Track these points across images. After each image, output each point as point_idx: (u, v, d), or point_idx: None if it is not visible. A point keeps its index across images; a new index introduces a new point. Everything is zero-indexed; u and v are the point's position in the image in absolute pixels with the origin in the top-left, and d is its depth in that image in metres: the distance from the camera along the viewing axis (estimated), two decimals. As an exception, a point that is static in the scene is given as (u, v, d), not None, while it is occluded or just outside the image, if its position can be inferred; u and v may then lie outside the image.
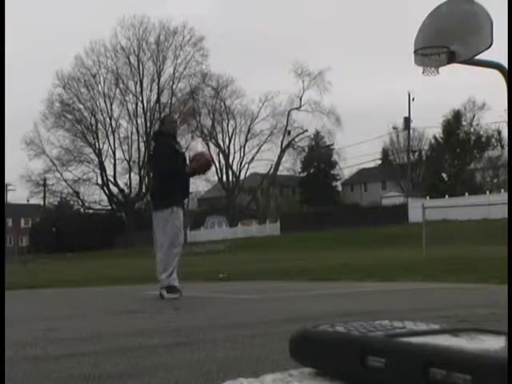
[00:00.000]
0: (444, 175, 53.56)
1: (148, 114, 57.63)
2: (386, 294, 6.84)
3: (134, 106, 58.35)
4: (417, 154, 55.63)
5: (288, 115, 57.79)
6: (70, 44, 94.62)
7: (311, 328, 1.62)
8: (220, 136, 58.83)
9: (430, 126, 65.14)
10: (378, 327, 1.52)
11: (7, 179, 51.44)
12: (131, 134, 58.24)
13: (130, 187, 59.58)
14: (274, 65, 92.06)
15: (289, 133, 58.16)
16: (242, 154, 58.92)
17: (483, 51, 6.57)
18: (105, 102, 58.27)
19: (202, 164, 6.97)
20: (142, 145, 57.07)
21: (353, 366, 1.39)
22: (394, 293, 7.06)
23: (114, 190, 60.00)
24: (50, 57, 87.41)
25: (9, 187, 57.28)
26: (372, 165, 62.36)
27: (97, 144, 58.62)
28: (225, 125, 58.86)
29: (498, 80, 6.66)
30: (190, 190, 7.46)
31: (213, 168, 58.74)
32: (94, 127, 58.77)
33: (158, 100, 57.12)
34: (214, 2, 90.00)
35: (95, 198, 60.23)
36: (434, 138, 55.43)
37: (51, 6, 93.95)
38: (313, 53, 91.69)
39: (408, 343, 1.35)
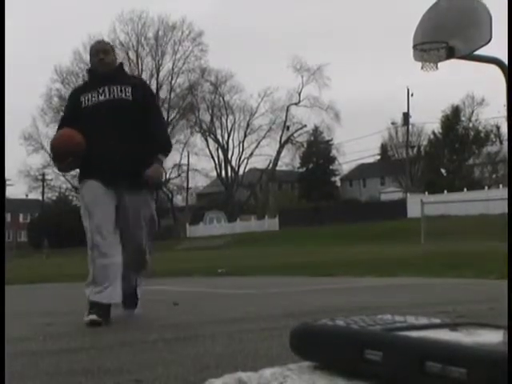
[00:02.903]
0: (443, 170, 53.54)
1: (147, 110, 57.51)
2: (385, 290, 6.85)
3: (132, 101, 58.21)
4: (416, 149, 55.63)
5: (287, 110, 57.78)
6: (68, 39, 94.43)
7: (312, 322, 1.63)
8: (219, 131, 58.82)
9: (428, 122, 65.05)
10: (378, 321, 1.53)
11: (6, 174, 51.41)
12: (130, 128, 58.11)
13: (128, 182, 59.49)
14: (273, 60, 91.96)
15: (288, 128, 58.14)
16: (240, 150, 58.94)
17: (482, 46, 6.55)
18: (104, 97, 58.12)
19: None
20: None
21: (351, 359, 1.40)
22: (393, 288, 7.07)
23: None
24: (49, 52, 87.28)
25: (7, 182, 57.26)
26: (371, 160, 62.42)
27: (95, 139, 58.51)
28: (224, 120, 58.85)
29: (497, 75, 6.66)
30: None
31: (211, 163, 58.79)
32: (92, 122, 58.65)
33: (156, 95, 57.05)
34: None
35: (94, 193, 60.11)
36: (433, 133, 55.43)
37: (50, 0, 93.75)
38: (312, 48, 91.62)
39: (405, 337, 1.35)
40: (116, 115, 4.21)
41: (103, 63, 4.36)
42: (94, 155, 4.12)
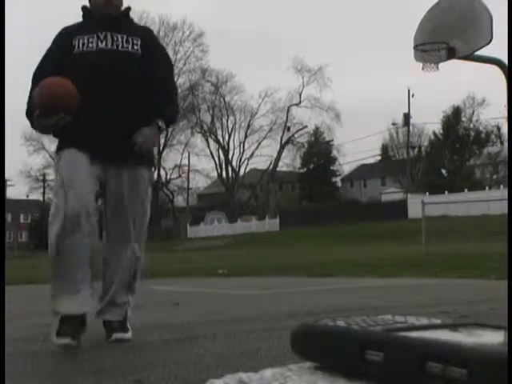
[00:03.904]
0: (443, 171, 53.52)
1: (147, 110, 57.53)
2: (386, 290, 6.85)
3: (133, 101, 58.23)
4: (416, 149, 55.62)
5: (288, 111, 57.79)
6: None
7: (312, 322, 1.62)
8: (219, 132, 58.80)
9: (429, 122, 65.17)
10: (379, 322, 1.53)
11: (6, 175, 51.43)
12: (130, 129, 58.13)
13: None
14: (273, 61, 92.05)
15: (288, 129, 58.13)
16: (241, 150, 58.93)
17: (483, 47, 6.56)
18: (104, 97, 58.07)
19: (44, 96, 3.04)
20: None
21: (352, 359, 1.40)
22: (394, 288, 7.06)
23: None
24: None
25: (8, 183, 57.28)
26: (371, 161, 62.41)
27: (96, 139, 58.54)
28: (224, 121, 58.84)
29: (498, 76, 6.67)
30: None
31: (212, 164, 58.77)
32: (93, 122, 58.59)
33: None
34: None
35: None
36: (434, 133, 55.43)
37: (50, 0, 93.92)
38: (312, 49, 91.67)
39: (406, 337, 1.35)
40: (118, 70, 3.25)
41: (110, 5, 3.34)
42: (84, 116, 3.09)
